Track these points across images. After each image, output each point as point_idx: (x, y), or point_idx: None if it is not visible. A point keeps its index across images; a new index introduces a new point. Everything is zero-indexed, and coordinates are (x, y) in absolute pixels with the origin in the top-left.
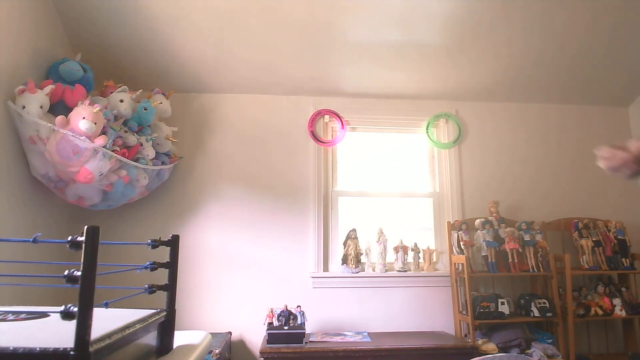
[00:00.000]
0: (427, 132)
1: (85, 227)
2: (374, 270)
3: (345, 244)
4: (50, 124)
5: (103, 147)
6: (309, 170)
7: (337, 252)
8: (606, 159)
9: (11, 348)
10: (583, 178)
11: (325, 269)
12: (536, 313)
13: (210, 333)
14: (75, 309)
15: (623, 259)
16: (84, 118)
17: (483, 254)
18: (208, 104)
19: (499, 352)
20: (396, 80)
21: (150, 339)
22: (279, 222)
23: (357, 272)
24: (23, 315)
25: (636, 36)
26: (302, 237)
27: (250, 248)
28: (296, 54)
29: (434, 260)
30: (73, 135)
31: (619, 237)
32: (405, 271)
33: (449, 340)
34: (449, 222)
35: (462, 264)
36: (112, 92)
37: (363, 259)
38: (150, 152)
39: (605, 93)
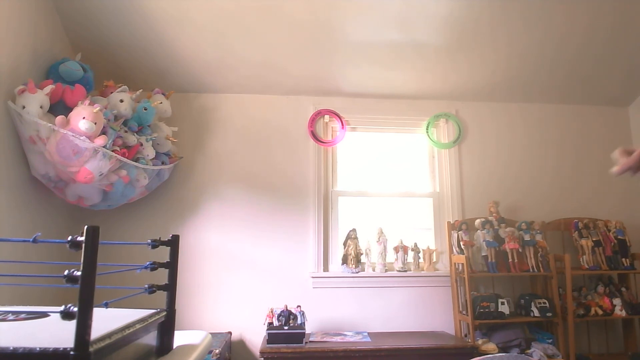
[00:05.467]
0: (427, 132)
1: (85, 227)
2: (374, 270)
3: (345, 244)
4: (50, 124)
5: (103, 147)
6: (309, 170)
7: (337, 252)
8: (617, 162)
9: (11, 348)
10: (583, 178)
11: (325, 269)
12: (536, 313)
13: (210, 333)
14: (75, 309)
15: (623, 259)
16: (84, 118)
17: (483, 254)
18: (208, 104)
19: (499, 352)
20: (396, 80)
21: (150, 339)
22: (279, 222)
23: (357, 272)
24: (23, 315)
25: (636, 35)
26: (302, 237)
27: (250, 248)
28: (296, 53)
29: (434, 260)
30: (73, 135)
31: (619, 237)
32: (405, 271)
33: (449, 340)
34: (449, 222)
35: (462, 264)
36: (112, 92)
37: (363, 259)
38: (150, 152)
39: (605, 93)
